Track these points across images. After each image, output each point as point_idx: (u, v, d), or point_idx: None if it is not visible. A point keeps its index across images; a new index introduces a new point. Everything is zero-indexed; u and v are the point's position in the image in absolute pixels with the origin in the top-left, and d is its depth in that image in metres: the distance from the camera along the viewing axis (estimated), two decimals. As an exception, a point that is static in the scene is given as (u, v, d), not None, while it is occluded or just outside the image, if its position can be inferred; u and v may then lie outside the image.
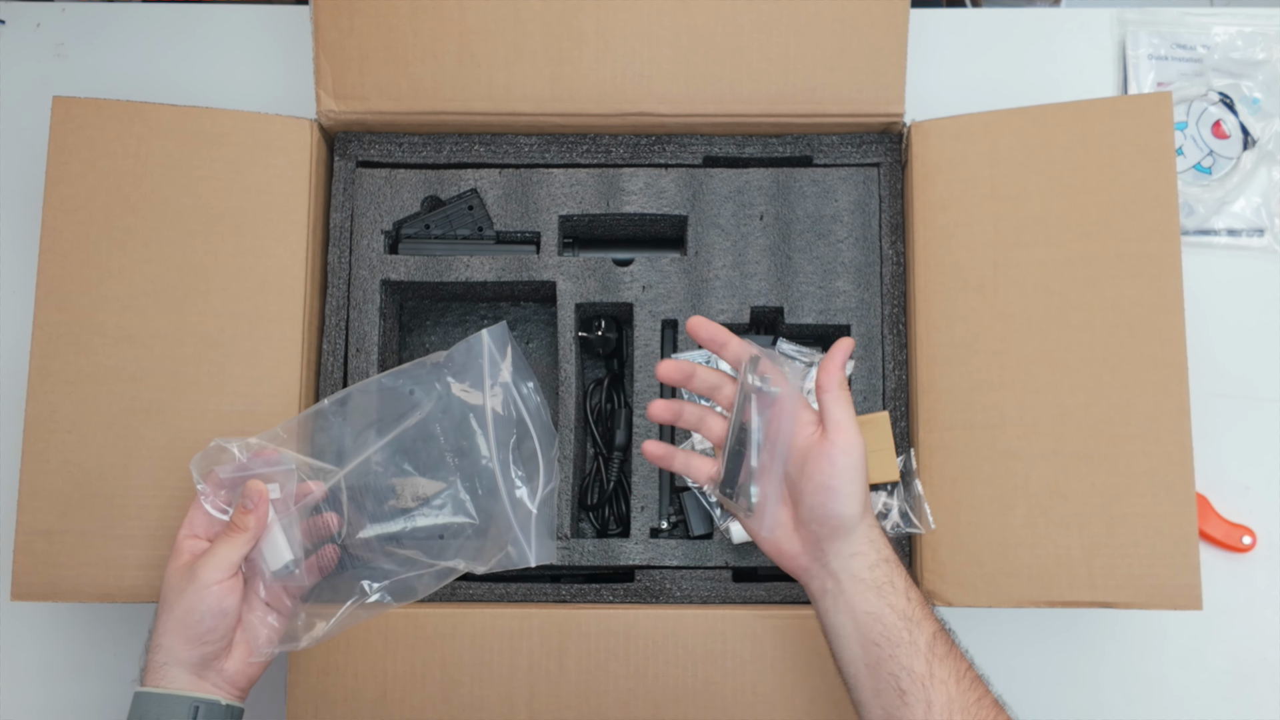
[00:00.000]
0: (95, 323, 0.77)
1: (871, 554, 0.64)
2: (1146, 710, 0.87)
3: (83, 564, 0.75)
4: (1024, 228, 0.78)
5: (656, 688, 0.76)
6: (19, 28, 0.98)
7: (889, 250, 0.84)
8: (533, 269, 0.84)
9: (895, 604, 0.63)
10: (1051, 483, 0.76)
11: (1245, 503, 0.89)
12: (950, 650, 0.63)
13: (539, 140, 0.85)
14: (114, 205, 0.78)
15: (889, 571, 0.64)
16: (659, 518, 0.82)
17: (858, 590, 0.63)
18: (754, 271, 0.84)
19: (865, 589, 0.63)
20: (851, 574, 0.64)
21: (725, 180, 0.85)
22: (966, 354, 0.78)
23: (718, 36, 0.82)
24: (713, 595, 0.80)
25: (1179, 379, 0.75)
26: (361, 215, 0.85)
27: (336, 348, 0.83)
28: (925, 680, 0.61)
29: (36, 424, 0.76)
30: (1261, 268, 0.93)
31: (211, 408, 0.77)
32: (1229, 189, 0.94)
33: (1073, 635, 0.88)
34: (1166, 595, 0.74)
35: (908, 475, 0.80)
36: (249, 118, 0.81)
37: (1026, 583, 0.75)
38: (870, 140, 0.85)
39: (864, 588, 0.63)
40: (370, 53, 0.82)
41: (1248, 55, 0.96)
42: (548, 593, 0.80)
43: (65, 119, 0.78)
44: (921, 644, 0.62)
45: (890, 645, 0.62)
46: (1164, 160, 0.77)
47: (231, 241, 0.79)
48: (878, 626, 0.63)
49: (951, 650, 0.63)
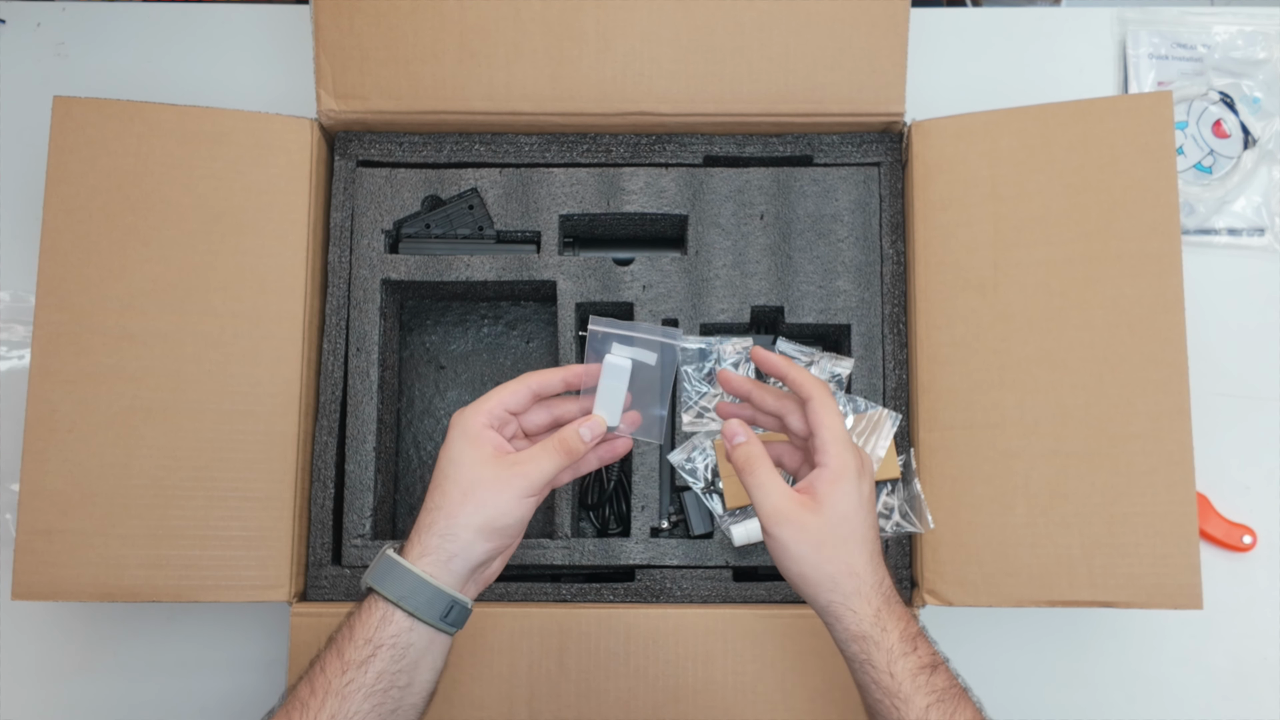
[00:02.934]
0: (95, 322, 0.77)
1: (841, 630, 0.62)
2: (1146, 710, 0.87)
3: (83, 563, 0.75)
4: (1024, 227, 0.78)
5: (656, 687, 0.76)
6: (19, 27, 0.98)
7: (889, 250, 0.84)
8: (533, 268, 0.84)
9: (878, 680, 0.61)
10: (1052, 482, 0.76)
11: (1245, 502, 0.89)
12: None
13: (539, 140, 0.85)
14: (114, 205, 0.78)
15: (865, 649, 0.61)
16: (659, 517, 0.82)
17: (845, 659, 0.63)
18: (754, 271, 0.84)
19: (848, 661, 0.63)
20: (835, 640, 0.63)
21: (725, 180, 0.85)
22: (967, 353, 0.78)
23: (718, 36, 0.82)
24: (713, 595, 0.80)
25: (1179, 378, 0.75)
26: (362, 215, 0.85)
27: (337, 347, 0.83)
28: None
29: (36, 424, 0.76)
30: (1262, 267, 0.93)
31: (211, 407, 0.77)
32: (1229, 188, 0.94)
33: (1073, 635, 0.88)
34: (1167, 595, 0.74)
35: (908, 474, 0.80)
36: (249, 117, 0.81)
37: (1026, 582, 0.75)
38: (870, 140, 0.85)
39: (846, 659, 0.63)
40: (370, 52, 0.82)
41: (1248, 54, 0.96)
42: (548, 592, 0.80)
43: (65, 118, 0.78)
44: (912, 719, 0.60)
45: (882, 717, 0.61)
46: (1164, 159, 0.77)
47: (231, 241, 0.79)
48: (868, 698, 0.62)
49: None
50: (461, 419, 0.64)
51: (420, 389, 0.92)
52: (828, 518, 0.61)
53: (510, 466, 0.63)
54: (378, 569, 0.62)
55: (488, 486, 0.62)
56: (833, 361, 0.83)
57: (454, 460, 0.63)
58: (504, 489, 0.62)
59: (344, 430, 0.82)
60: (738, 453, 0.65)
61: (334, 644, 0.61)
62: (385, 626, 0.60)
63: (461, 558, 0.62)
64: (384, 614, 0.61)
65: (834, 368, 0.83)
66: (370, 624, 0.60)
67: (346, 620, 0.62)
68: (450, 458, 0.63)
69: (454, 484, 0.62)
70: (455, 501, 0.62)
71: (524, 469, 0.63)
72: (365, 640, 0.60)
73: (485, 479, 0.62)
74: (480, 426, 0.63)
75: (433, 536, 0.62)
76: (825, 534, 0.61)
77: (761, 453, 0.64)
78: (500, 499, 0.62)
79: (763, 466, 0.63)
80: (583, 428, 0.65)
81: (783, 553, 0.62)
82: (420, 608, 0.61)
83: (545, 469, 0.63)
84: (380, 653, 0.60)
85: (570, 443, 0.64)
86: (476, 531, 0.61)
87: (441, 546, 0.61)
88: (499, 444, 0.64)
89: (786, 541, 0.61)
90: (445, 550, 0.61)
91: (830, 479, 0.62)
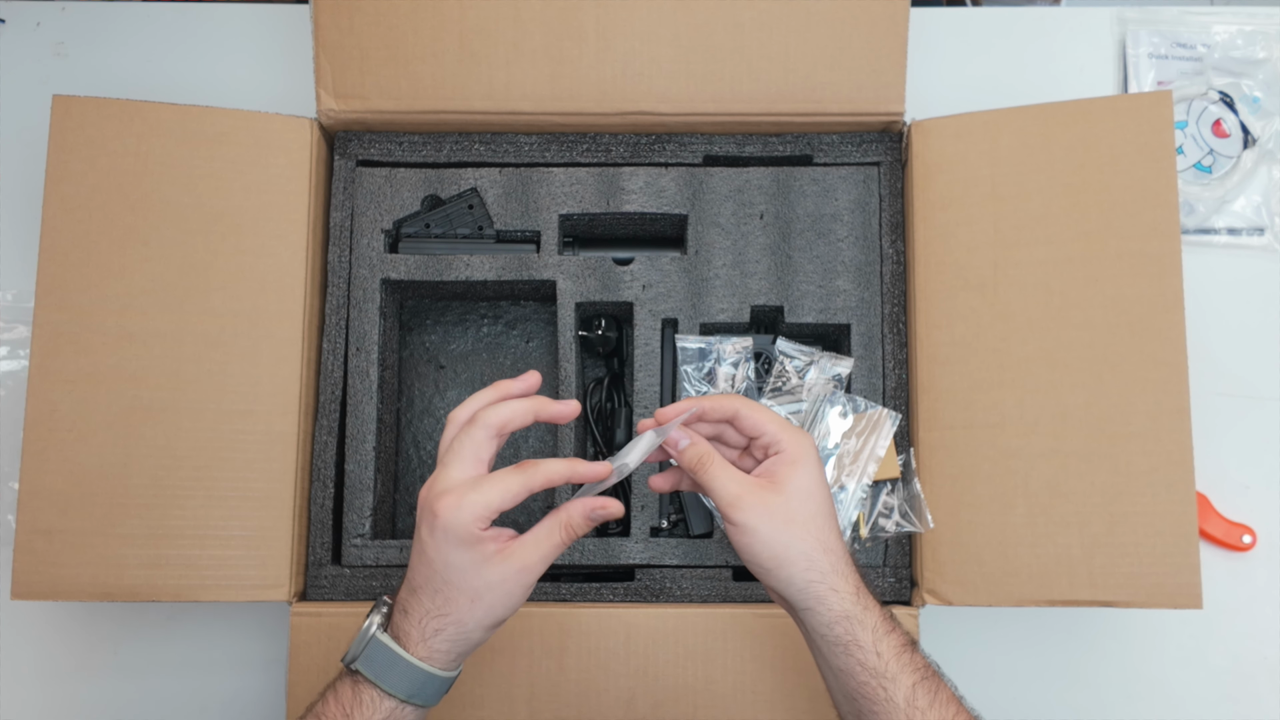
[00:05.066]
0: (95, 322, 0.77)
1: (825, 611, 0.60)
2: (1146, 710, 0.87)
3: (83, 563, 0.75)
4: (1024, 226, 0.78)
5: (656, 687, 0.76)
6: (19, 27, 0.98)
7: (889, 249, 0.84)
8: (533, 268, 0.84)
9: (864, 661, 0.59)
10: (1051, 482, 0.76)
11: (1245, 502, 0.89)
12: (934, 701, 0.60)
13: (539, 139, 0.85)
14: (114, 204, 0.78)
15: (850, 629, 0.60)
16: (659, 517, 0.82)
17: (824, 645, 0.61)
18: (754, 270, 0.84)
19: (830, 645, 0.61)
20: (812, 629, 0.61)
21: (725, 179, 0.85)
22: (966, 353, 0.78)
23: (718, 35, 0.82)
24: (713, 594, 0.80)
25: (1179, 378, 0.75)
26: (361, 214, 0.85)
27: (336, 347, 0.83)
28: None
29: (36, 423, 0.76)
30: (1261, 267, 0.93)
31: (211, 407, 0.77)
32: (1229, 188, 0.94)
33: (1073, 635, 0.88)
34: (1167, 594, 0.74)
35: (908, 474, 0.80)
36: (249, 117, 0.81)
37: (1026, 582, 0.75)
38: (870, 139, 0.85)
39: (828, 644, 0.61)
40: (370, 52, 0.82)
41: (1248, 54, 0.96)
42: (548, 592, 0.80)
43: (65, 118, 0.78)
44: (899, 699, 0.59)
45: (867, 701, 0.60)
46: (1164, 159, 0.77)
47: (231, 241, 0.79)
48: (851, 682, 0.60)
49: (935, 700, 0.60)
50: (457, 519, 0.58)
51: (420, 389, 0.92)
52: (791, 495, 0.60)
53: (514, 562, 0.59)
54: (374, 659, 0.60)
55: (496, 590, 0.59)
56: (833, 361, 0.83)
57: (454, 565, 0.58)
58: (512, 589, 0.59)
59: (344, 430, 0.82)
60: (685, 456, 0.63)
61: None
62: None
63: (469, 651, 0.61)
64: (391, 712, 0.59)
65: (834, 368, 0.83)
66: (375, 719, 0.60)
67: (335, 702, 0.60)
68: (448, 562, 0.58)
69: (459, 591, 0.59)
70: (465, 609, 0.59)
71: (528, 563, 0.59)
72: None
73: (493, 583, 0.59)
74: (476, 532, 0.58)
75: (442, 641, 0.59)
76: (793, 510, 0.60)
77: (709, 450, 0.63)
78: (510, 599, 0.59)
79: (714, 461, 0.62)
80: (594, 513, 0.61)
81: (751, 537, 0.59)
82: (429, 699, 0.60)
83: (548, 557, 0.60)
84: None
85: (576, 530, 0.61)
86: (487, 630, 0.60)
87: (452, 649, 0.60)
88: (496, 536, 0.60)
89: (754, 524, 0.59)
90: (455, 651, 0.60)
91: (788, 461, 0.61)
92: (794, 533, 0.60)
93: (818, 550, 0.60)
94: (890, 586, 0.80)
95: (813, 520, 0.60)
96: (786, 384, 0.84)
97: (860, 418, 0.81)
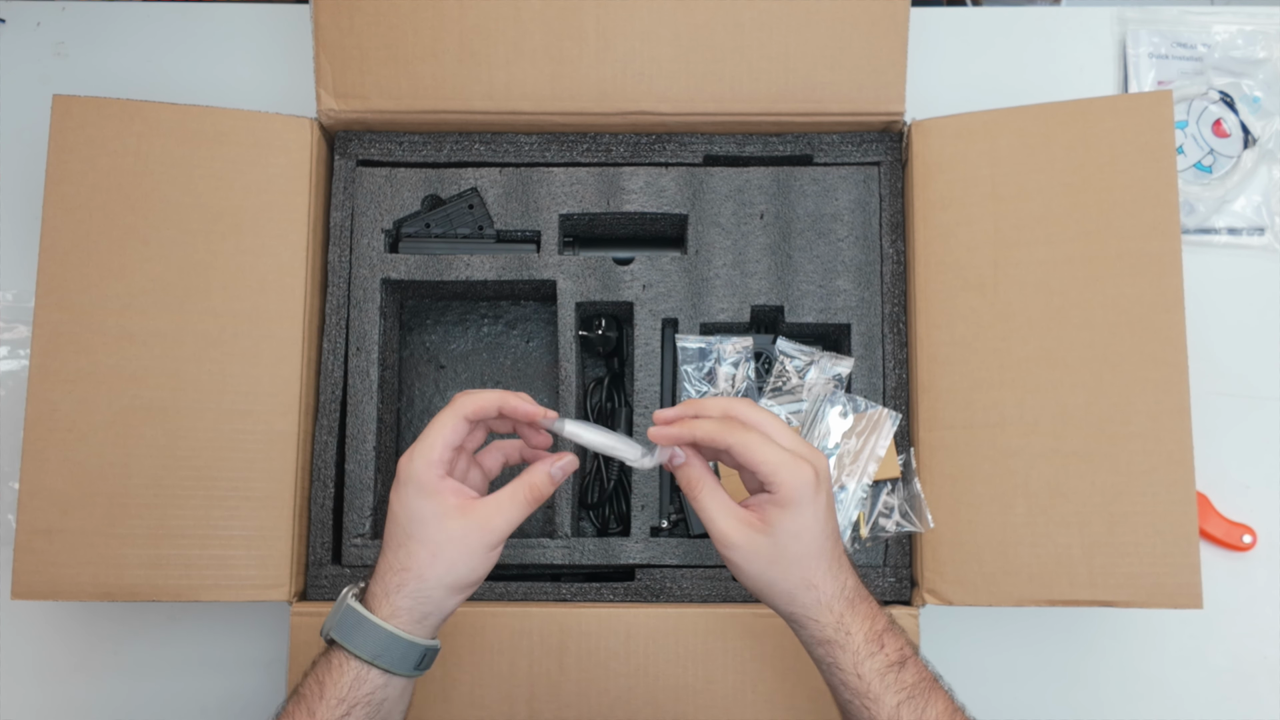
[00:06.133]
0: (95, 322, 0.77)
1: (805, 635, 0.62)
2: (1146, 710, 0.87)
3: (83, 563, 0.75)
4: (1024, 226, 0.78)
5: (657, 687, 0.76)
6: (19, 27, 0.98)
7: (889, 249, 0.84)
8: (533, 268, 0.84)
9: (845, 682, 0.61)
10: (1051, 481, 0.76)
11: (1245, 501, 0.89)
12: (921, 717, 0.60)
13: (539, 139, 0.85)
14: (114, 204, 0.78)
15: (830, 652, 0.61)
16: (659, 516, 0.82)
17: (811, 657, 0.63)
18: (754, 270, 0.84)
19: (815, 662, 0.63)
20: (801, 641, 0.63)
21: (725, 179, 0.85)
22: (967, 353, 0.78)
23: (718, 35, 0.82)
24: (713, 594, 0.80)
25: (1179, 378, 0.75)
26: (362, 214, 0.85)
27: (337, 347, 0.83)
28: None
29: (36, 423, 0.76)
30: (1262, 266, 0.93)
31: (211, 407, 0.77)
32: (1229, 188, 0.94)
33: (1072, 635, 0.88)
34: (1167, 594, 0.74)
35: (908, 474, 0.80)
36: (249, 117, 0.81)
37: (1026, 581, 0.75)
38: (870, 139, 0.85)
39: (814, 660, 0.63)
40: (370, 51, 0.82)
41: (1248, 54, 0.96)
42: (548, 592, 0.80)
43: (65, 118, 0.78)
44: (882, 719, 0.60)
45: (854, 716, 0.62)
46: (1164, 159, 0.77)
47: (231, 240, 0.79)
48: (838, 698, 0.63)
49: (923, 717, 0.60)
50: (411, 469, 0.61)
51: (420, 389, 0.92)
52: (777, 538, 0.60)
53: (476, 518, 0.60)
54: (343, 623, 0.61)
55: (456, 544, 0.60)
56: (833, 361, 0.83)
57: (415, 517, 0.60)
58: (473, 546, 0.60)
59: (344, 430, 0.82)
60: (680, 475, 0.64)
61: (302, 700, 0.60)
62: (360, 686, 0.60)
63: (435, 614, 0.61)
64: (358, 674, 0.60)
65: (834, 367, 0.83)
66: (343, 683, 0.60)
67: (312, 673, 0.61)
68: (410, 514, 0.60)
69: (420, 544, 0.60)
70: (424, 563, 0.60)
71: (491, 522, 0.61)
72: (339, 700, 0.59)
73: (453, 536, 0.60)
74: (435, 477, 0.60)
75: (404, 598, 0.60)
76: (777, 553, 0.60)
77: (702, 473, 0.63)
78: (471, 558, 0.60)
79: (705, 488, 0.62)
80: (554, 468, 0.63)
81: (738, 572, 0.62)
82: (396, 663, 0.60)
83: (512, 519, 0.61)
84: (355, 711, 0.60)
85: (540, 489, 0.63)
86: (448, 589, 0.61)
87: (414, 608, 0.60)
88: (458, 491, 0.61)
89: (739, 563, 0.61)
90: (418, 610, 0.60)
91: (778, 504, 0.60)
92: (777, 573, 0.61)
93: (800, 588, 0.61)
94: (890, 586, 0.80)
95: (798, 561, 0.61)
96: (787, 384, 0.84)
97: (860, 417, 0.81)
